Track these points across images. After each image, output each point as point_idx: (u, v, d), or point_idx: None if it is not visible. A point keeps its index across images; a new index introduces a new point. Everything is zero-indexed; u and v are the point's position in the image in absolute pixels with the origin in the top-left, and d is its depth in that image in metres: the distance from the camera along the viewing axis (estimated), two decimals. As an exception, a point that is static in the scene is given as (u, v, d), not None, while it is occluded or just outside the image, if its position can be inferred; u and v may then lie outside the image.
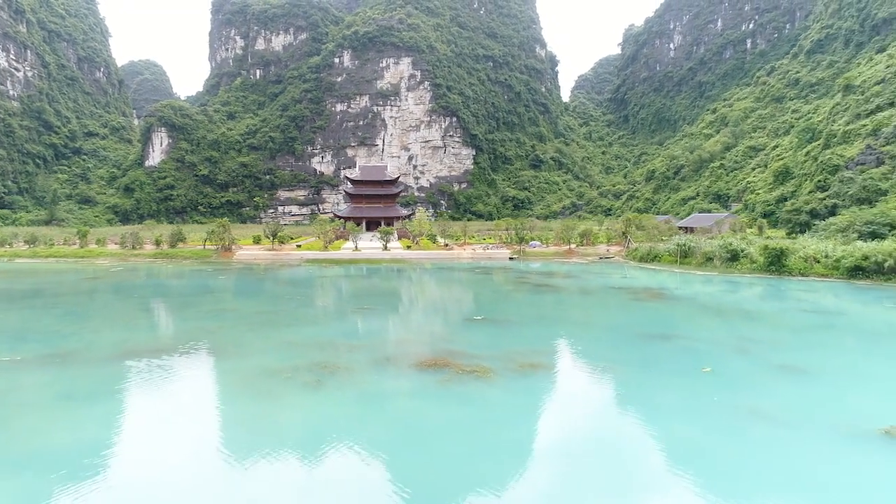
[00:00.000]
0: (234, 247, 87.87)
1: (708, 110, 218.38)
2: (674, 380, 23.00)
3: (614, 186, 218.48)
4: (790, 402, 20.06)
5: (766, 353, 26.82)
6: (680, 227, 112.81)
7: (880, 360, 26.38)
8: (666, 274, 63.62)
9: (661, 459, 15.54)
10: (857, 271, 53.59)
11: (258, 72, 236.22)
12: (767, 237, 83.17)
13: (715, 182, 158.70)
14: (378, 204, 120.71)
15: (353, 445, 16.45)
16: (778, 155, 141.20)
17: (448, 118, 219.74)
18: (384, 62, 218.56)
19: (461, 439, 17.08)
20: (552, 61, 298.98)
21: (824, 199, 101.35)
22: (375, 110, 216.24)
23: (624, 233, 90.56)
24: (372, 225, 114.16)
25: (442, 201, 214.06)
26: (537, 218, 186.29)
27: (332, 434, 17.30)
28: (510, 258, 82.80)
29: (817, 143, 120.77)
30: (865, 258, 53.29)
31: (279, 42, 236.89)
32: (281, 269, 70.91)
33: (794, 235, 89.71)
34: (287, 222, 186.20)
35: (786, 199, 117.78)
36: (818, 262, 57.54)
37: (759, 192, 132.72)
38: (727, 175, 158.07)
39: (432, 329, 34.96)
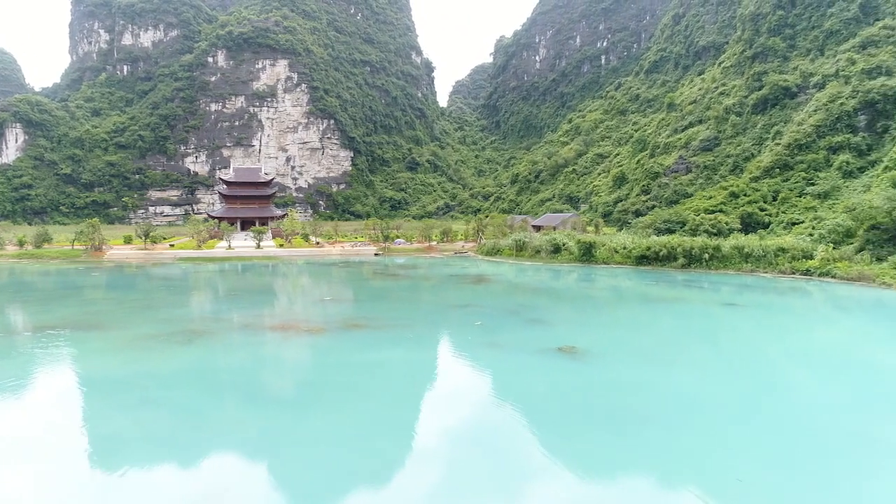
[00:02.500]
0: (104, 247, 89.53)
1: (566, 120, 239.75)
2: (451, 329, 32.84)
3: (484, 188, 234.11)
4: (520, 339, 30.36)
5: (528, 313, 37.52)
6: (533, 226, 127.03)
7: (602, 315, 37.94)
8: (504, 265, 75.13)
9: (426, 370, 24.92)
10: (643, 259, 67.65)
11: (125, 68, 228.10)
12: (603, 234, 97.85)
13: (568, 185, 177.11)
14: (253, 204, 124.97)
15: (212, 374, 24.40)
16: (618, 162, 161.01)
17: (326, 120, 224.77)
18: (260, 63, 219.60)
19: (291, 366, 25.56)
20: (428, 67, 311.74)
21: (646, 201, 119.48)
22: (252, 111, 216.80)
23: (477, 231, 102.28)
24: (247, 225, 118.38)
25: (320, 202, 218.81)
26: (413, 218, 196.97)
27: (199, 368, 25.10)
28: (375, 254, 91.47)
29: (645, 152, 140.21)
30: (648, 249, 67.48)
31: (148, 38, 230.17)
32: (154, 267, 74.82)
33: (622, 231, 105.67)
34: (159, 223, 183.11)
35: (621, 201, 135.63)
36: (617, 252, 71.33)
37: (602, 194, 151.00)
38: (578, 179, 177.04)
39: (289, 308, 42.95)
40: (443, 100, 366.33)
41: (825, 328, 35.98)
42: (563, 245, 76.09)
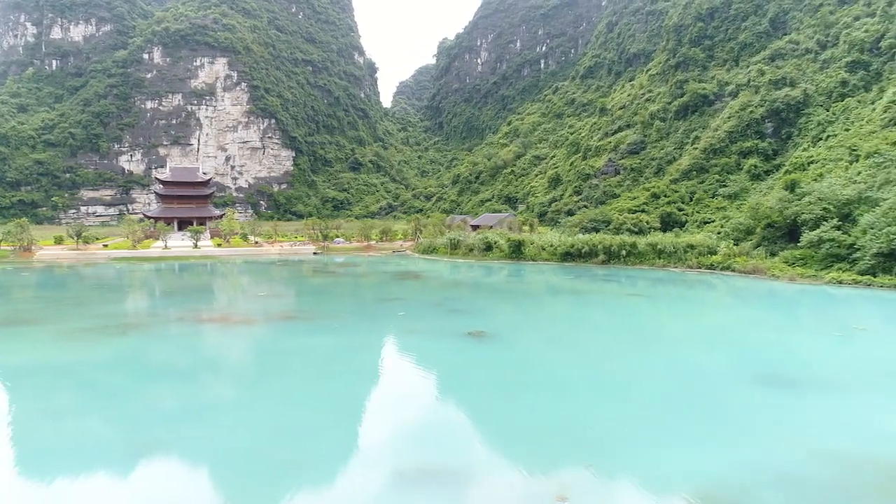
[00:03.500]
0: (34, 247, 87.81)
1: (506, 122, 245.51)
2: (376, 319, 35.55)
3: (426, 189, 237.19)
4: (437, 326, 33.33)
5: (449, 305, 40.60)
6: (472, 226, 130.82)
7: (517, 305, 41.42)
8: (439, 262, 78.20)
9: (347, 353, 27.51)
10: (567, 256, 71.97)
11: (54, 63, 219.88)
12: (538, 233, 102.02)
13: (507, 186, 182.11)
14: (190, 204, 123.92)
15: (146, 360, 26.34)
16: (554, 164, 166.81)
17: (267, 120, 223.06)
18: (198, 61, 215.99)
19: (223, 351, 27.72)
20: (371, 68, 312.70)
21: (577, 202, 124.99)
22: (190, 109, 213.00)
23: (415, 230, 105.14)
24: (184, 224, 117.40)
25: (261, 202, 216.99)
26: (356, 218, 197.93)
27: (133, 355, 26.94)
28: (314, 253, 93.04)
29: (578, 155, 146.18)
30: (572, 246, 71.87)
31: (79, 32, 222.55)
32: (86, 267, 74.31)
33: (553, 230, 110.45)
34: (92, 223, 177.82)
35: (555, 201, 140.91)
36: (545, 249, 75.48)
37: (538, 195, 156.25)
38: (517, 180, 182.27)
39: (224, 303, 44.66)
40: (387, 100, 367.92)
41: (710, 313, 40.47)
42: (495, 243, 79.77)
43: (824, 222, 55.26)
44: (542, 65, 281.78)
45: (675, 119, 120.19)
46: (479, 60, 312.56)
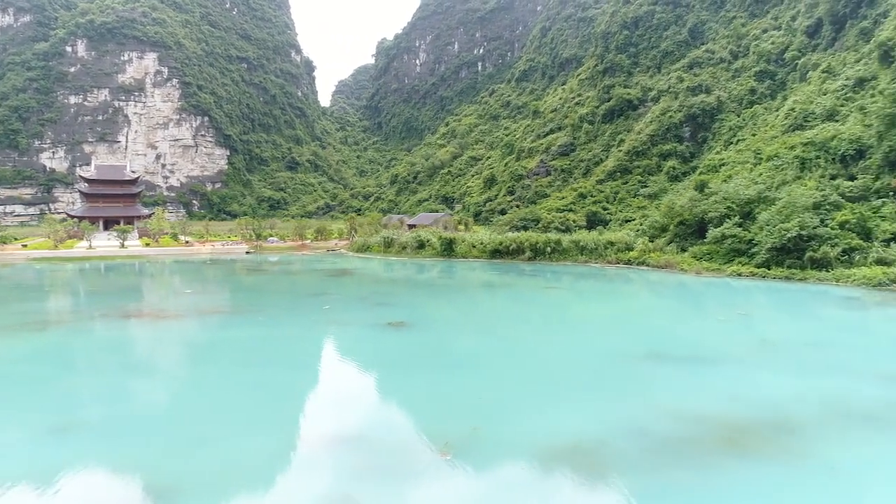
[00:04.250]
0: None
1: (443, 123, 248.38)
2: (302, 312, 36.73)
3: (364, 188, 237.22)
4: (360, 317, 34.82)
5: (375, 299, 42.16)
6: (409, 225, 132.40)
7: (440, 298, 43.37)
8: (373, 260, 79.40)
9: (270, 342, 28.63)
10: (496, 253, 74.58)
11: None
12: (473, 232, 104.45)
13: (444, 186, 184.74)
14: (117, 203, 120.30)
15: (66, 353, 26.75)
16: (489, 165, 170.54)
17: (199, 117, 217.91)
18: (126, 55, 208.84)
19: (144, 344, 28.38)
20: (308, 67, 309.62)
21: (511, 201, 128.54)
22: (117, 105, 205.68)
23: (350, 229, 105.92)
24: (111, 224, 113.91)
25: (194, 201, 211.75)
26: (293, 217, 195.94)
27: (53, 349, 27.26)
28: (247, 252, 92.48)
29: (512, 156, 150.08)
30: (501, 244, 74.55)
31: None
32: (3, 268, 71.73)
33: (484, 229, 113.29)
34: (10, 223, 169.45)
35: (490, 201, 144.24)
36: (475, 247, 77.88)
37: (474, 195, 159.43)
38: (454, 180, 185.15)
39: (149, 300, 44.69)
40: (325, 99, 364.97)
41: (617, 303, 43.55)
42: (427, 241, 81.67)
43: (727, 220, 59.77)
44: (480, 67, 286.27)
45: (603, 122, 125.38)
46: (417, 61, 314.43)
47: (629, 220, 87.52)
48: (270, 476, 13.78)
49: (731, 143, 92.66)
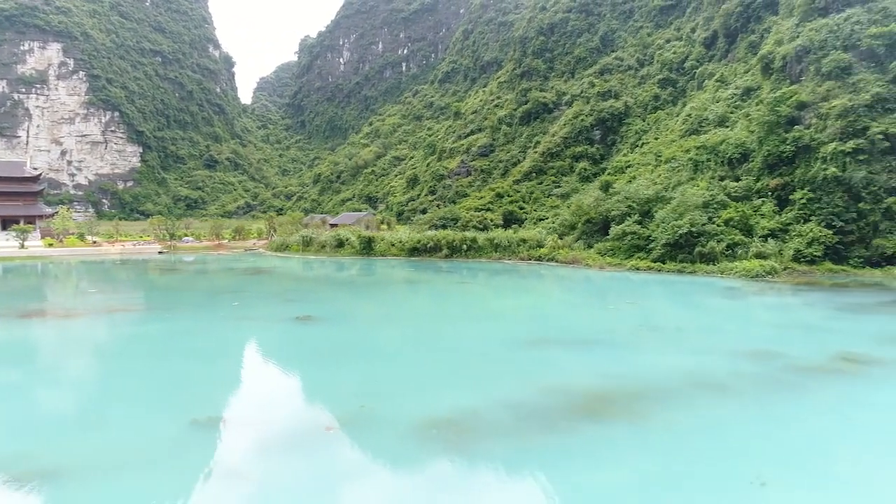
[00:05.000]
0: None
1: (367, 122, 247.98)
2: (211, 309, 36.80)
3: (287, 188, 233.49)
4: (269, 313, 35.33)
5: (287, 295, 42.65)
6: (331, 224, 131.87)
7: (351, 294, 44.34)
8: (292, 259, 79.09)
9: (175, 337, 28.75)
10: (414, 251, 76.12)
11: None
12: (395, 231, 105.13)
13: (367, 186, 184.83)
14: (16, 202, 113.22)
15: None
16: (412, 165, 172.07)
17: (109, 112, 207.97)
18: (27, 45, 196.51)
19: (43, 342, 27.92)
20: (228, 62, 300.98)
21: (432, 201, 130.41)
22: (16, 98, 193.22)
23: (269, 229, 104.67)
24: (8, 223, 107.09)
25: (104, 200, 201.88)
26: (212, 217, 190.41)
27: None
28: (160, 252, 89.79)
29: (434, 156, 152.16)
30: (419, 242, 76.15)
31: None
32: None
33: (404, 227, 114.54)
34: None
35: (413, 200, 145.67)
36: (394, 245, 79.09)
37: (397, 195, 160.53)
38: (377, 180, 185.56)
39: (48, 300, 43.24)
40: (246, 96, 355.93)
41: (521, 295, 45.93)
42: (346, 240, 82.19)
43: (628, 218, 63.79)
44: (404, 67, 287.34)
45: (520, 124, 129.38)
46: (341, 60, 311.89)
47: (543, 219, 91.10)
48: (160, 456, 14.51)
49: (637, 146, 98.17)
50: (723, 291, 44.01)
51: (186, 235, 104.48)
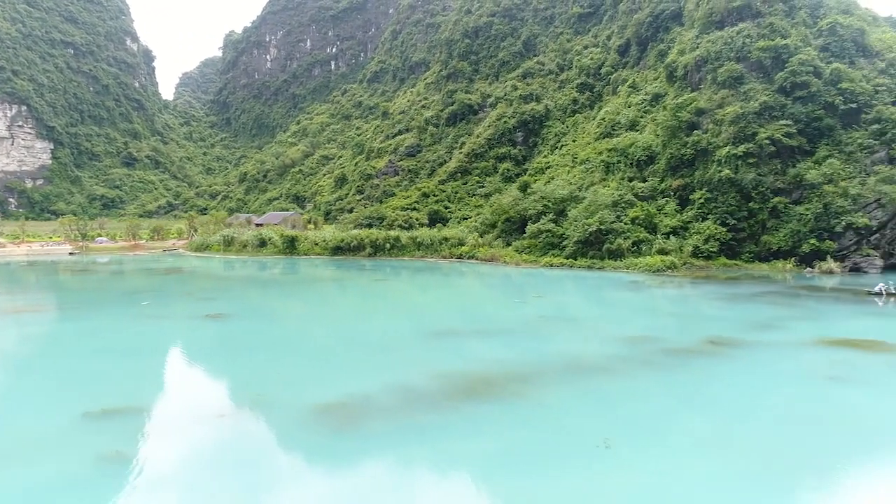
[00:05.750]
0: None
1: (295, 121, 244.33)
2: (120, 308, 36.32)
3: (211, 187, 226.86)
4: (180, 311, 35.27)
5: (200, 294, 42.46)
6: (256, 224, 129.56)
7: (265, 292, 44.59)
8: (213, 259, 77.68)
9: (83, 335, 28.36)
10: (338, 250, 76.38)
11: None
12: (322, 230, 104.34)
13: (295, 185, 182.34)
14: None
15: None
16: (340, 164, 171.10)
17: (16, 106, 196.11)
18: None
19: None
20: (147, 56, 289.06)
21: (360, 200, 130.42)
22: None
23: (190, 228, 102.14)
24: None
25: (10, 199, 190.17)
26: (131, 217, 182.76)
27: None
28: (70, 254, 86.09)
29: (363, 156, 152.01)
30: (342, 241, 76.49)
31: None
32: None
33: (330, 227, 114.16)
34: None
35: (340, 200, 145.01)
36: (317, 244, 79.07)
37: (325, 194, 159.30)
38: (305, 179, 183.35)
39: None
40: (168, 92, 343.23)
41: (435, 291, 47.46)
42: (269, 239, 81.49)
43: (544, 217, 66.50)
44: (333, 66, 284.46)
45: (446, 125, 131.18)
46: (268, 56, 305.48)
47: (466, 218, 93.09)
48: (45, 446, 14.89)
49: (557, 147, 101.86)
50: (625, 285, 46.94)
51: (100, 236, 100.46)
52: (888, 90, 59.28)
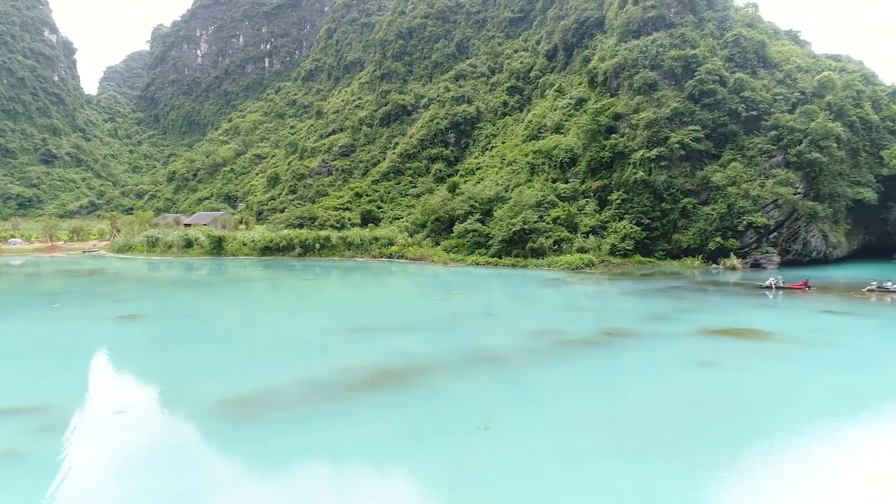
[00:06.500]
0: None
1: (227, 119, 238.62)
2: (27, 311, 35.35)
3: (138, 186, 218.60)
4: (92, 312, 34.63)
5: (116, 296, 41.65)
6: (185, 224, 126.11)
7: (181, 292, 44.19)
8: (136, 261, 75.46)
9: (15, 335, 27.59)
10: (267, 250, 75.73)
11: None
12: (254, 230, 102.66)
13: (226, 184, 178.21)
14: None
15: None
16: (274, 163, 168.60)
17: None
18: None
19: None
20: (68, 48, 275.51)
21: (293, 200, 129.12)
22: None
23: (112, 229, 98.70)
24: None
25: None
26: (50, 217, 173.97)
27: None
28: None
29: (296, 155, 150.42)
30: (271, 241, 75.89)
31: None
32: None
33: (261, 227, 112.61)
34: None
35: (273, 200, 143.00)
36: (246, 245, 78.13)
37: (258, 194, 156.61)
38: (237, 179, 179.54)
39: None
40: (92, 86, 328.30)
41: (358, 289, 48.14)
42: (195, 240, 79.91)
43: (471, 217, 68.19)
44: (267, 63, 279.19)
45: (380, 125, 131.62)
46: (198, 52, 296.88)
47: (398, 218, 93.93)
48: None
49: (487, 149, 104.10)
50: (544, 282, 48.97)
51: (13, 237, 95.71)
52: (784, 99, 63.96)
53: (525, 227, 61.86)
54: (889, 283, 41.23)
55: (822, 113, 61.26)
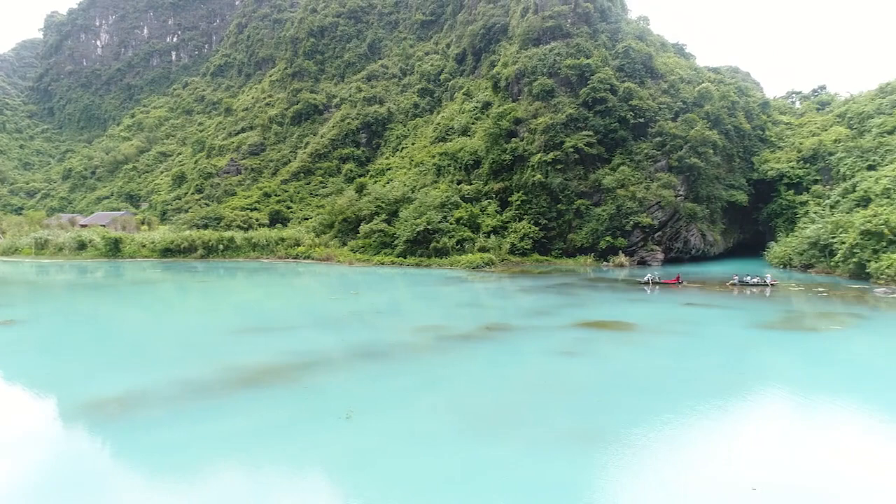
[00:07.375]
0: None
1: (130, 114, 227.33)
2: None
3: (28, 184, 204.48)
4: (41, 314, 33.08)
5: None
6: (81, 225, 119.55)
7: (62, 295, 42.73)
8: (22, 264, 71.31)
9: None
10: (167, 252, 73.60)
11: None
12: (155, 230, 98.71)
13: (128, 183, 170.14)
14: None
15: None
16: (180, 161, 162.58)
17: None
18: None
19: None
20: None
21: (199, 200, 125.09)
22: None
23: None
24: None
25: None
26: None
27: None
28: None
29: (203, 153, 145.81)
30: (172, 242, 73.83)
31: None
32: None
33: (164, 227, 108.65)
34: None
35: (178, 199, 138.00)
36: (145, 246, 75.54)
37: (162, 193, 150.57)
38: (140, 177, 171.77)
39: None
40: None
41: (255, 290, 48.16)
42: (90, 241, 76.46)
43: (377, 217, 69.16)
44: (174, 57, 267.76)
45: (291, 124, 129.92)
46: (98, 42, 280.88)
47: (308, 218, 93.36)
48: None
49: (398, 150, 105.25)
50: (445, 281, 50.68)
51: None
52: (668, 108, 68.94)
53: (429, 227, 63.54)
54: (748, 277, 45.73)
55: (701, 121, 66.56)
